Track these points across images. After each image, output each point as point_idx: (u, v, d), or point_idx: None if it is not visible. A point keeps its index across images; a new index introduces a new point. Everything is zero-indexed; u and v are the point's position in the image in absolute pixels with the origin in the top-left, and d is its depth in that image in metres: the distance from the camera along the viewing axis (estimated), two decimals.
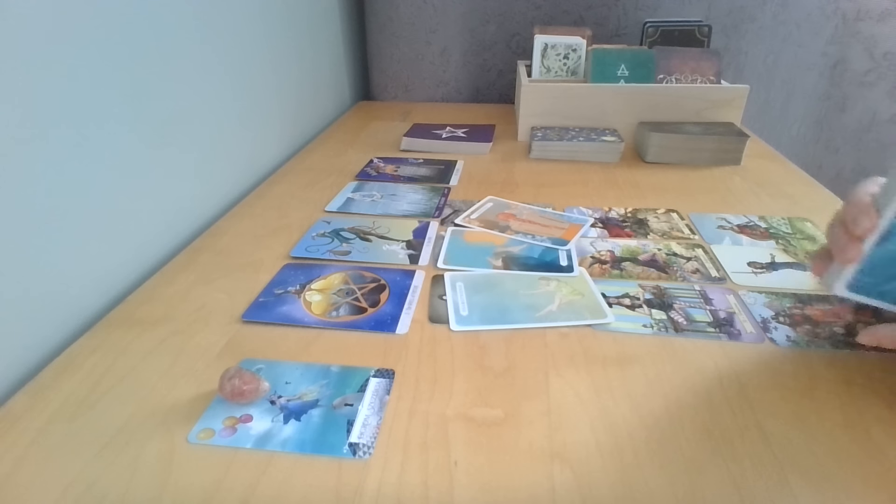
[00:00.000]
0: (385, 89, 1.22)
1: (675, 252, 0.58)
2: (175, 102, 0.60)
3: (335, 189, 0.75)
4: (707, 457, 0.35)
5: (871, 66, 1.11)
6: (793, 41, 1.12)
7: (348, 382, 0.41)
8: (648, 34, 1.01)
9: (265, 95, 0.81)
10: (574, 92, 0.91)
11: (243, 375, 0.38)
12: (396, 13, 1.13)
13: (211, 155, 0.68)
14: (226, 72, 0.70)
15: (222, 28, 0.69)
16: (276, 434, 0.36)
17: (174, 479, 0.33)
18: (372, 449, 0.35)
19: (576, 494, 0.32)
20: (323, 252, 0.58)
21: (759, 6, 1.09)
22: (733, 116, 0.91)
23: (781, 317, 0.48)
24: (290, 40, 0.89)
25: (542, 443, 0.36)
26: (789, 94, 1.18)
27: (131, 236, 0.55)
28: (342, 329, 0.47)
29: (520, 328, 0.47)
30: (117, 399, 0.39)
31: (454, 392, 0.40)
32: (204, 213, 0.67)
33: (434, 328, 0.47)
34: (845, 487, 0.32)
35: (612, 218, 0.66)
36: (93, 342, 0.45)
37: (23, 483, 0.33)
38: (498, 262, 0.56)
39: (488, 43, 1.15)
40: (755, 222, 0.65)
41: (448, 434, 0.36)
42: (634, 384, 0.40)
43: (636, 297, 0.51)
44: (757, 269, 0.55)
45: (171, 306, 0.50)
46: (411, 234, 0.62)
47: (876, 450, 0.35)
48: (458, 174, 0.80)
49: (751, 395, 0.39)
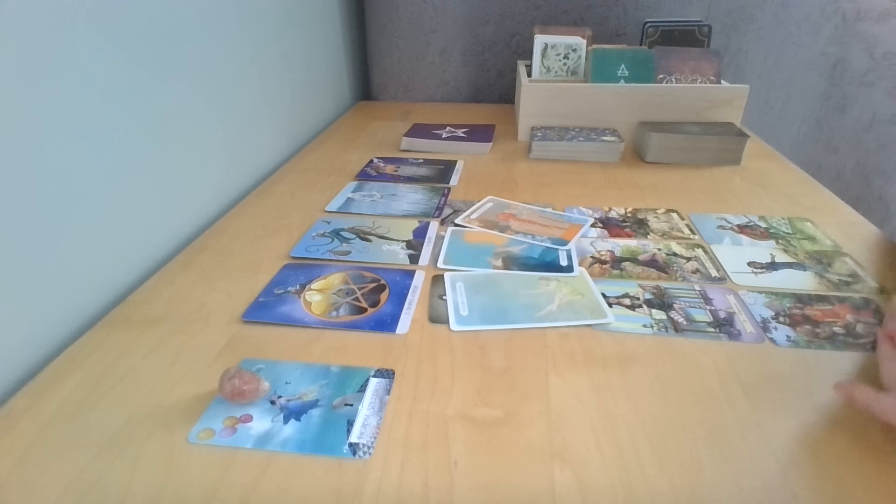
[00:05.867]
0: (385, 89, 1.22)
1: (675, 252, 0.58)
2: (175, 102, 0.60)
3: (335, 189, 0.75)
4: (707, 457, 0.35)
5: (871, 66, 1.11)
6: (793, 41, 1.12)
7: (348, 382, 0.41)
8: (648, 34, 1.01)
9: (265, 95, 0.81)
10: (574, 92, 0.91)
11: (243, 375, 0.38)
12: (396, 13, 1.13)
13: (211, 154, 0.68)
14: (226, 72, 0.70)
15: (222, 28, 0.69)
16: (276, 434, 0.36)
17: (174, 479, 0.33)
18: (372, 449, 0.35)
19: (576, 494, 0.32)
20: (323, 252, 0.58)
21: (759, 6, 1.09)
22: (733, 116, 0.91)
23: (781, 317, 0.48)
24: (290, 40, 0.89)
25: (542, 443, 0.36)
26: (789, 94, 1.18)
27: (131, 236, 0.55)
28: (342, 329, 0.47)
29: (520, 328, 0.47)
30: (117, 399, 0.39)
31: (454, 392, 0.40)
32: (204, 213, 0.67)
33: (434, 328, 0.47)
34: (845, 487, 0.32)
35: (612, 218, 0.66)
36: (93, 342, 0.45)
37: (23, 483, 0.33)
38: (498, 262, 0.56)
39: (488, 43, 1.15)
40: (755, 222, 0.65)
41: (448, 434, 0.36)
42: (634, 384, 0.40)
43: (636, 297, 0.51)
44: (757, 269, 0.55)
45: (171, 306, 0.50)
46: (411, 234, 0.62)
47: (876, 450, 0.35)
48: (458, 174, 0.80)
49: (751, 395, 0.39)
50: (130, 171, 0.54)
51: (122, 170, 0.53)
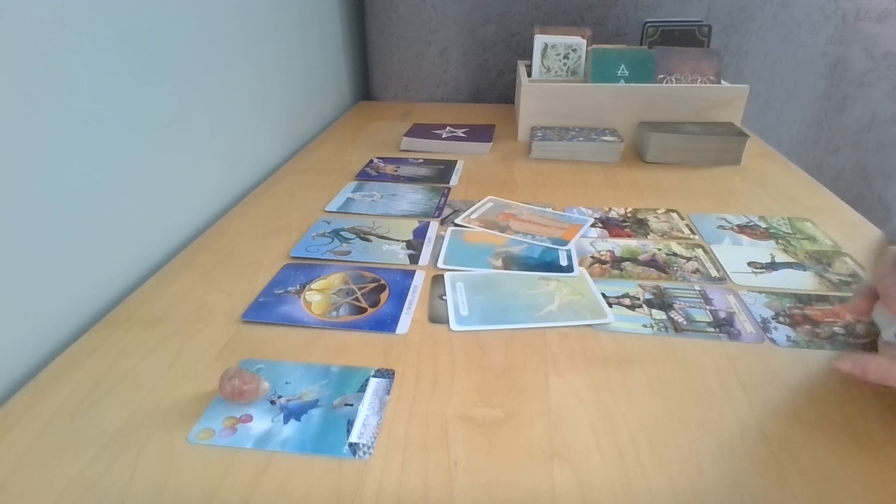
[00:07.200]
0: (385, 89, 1.22)
1: (675, 252, 0.58)
2: (176, 102, 0.60)
3: (335, 189, 0.75)
4: (707, 457, 0.35)
5: (870, 66, 1.11)
6: (793, 41, 1.12)
7: (348, 382, 0.41)
8: (648, 34, 1.01)
9: (265, 95, 0.81)
10: (574, 92, 0.91)
11: (243, 375, 0.38)
12: (396, 13, 1.13)
13: (211, 154, 0.68)
14: (226, 72, 0.70)
15: (222, 28, 0.69)
16: (276, 434, 0.36)
17: (174, 479, 0.33)
18: (372, 449, 0.35)
19: (576, 494, 0.32)
20: (323, 252, 0.58)
21: (759, 6, 1.09)
22: (733, 116, 0.91)
23: (781, 317, 0.48)
24: (290, 40, 0.89)
25: (542, 443, 0.36)
26: (789, 94, 1.18)
27: (131, 236, 0.55)
28: (342, 329, 0.47)
29: (520, 328, 0.47)
30: (117, 399, 0.39)
31: (454, 392, 0.40)
32: (204, 213, 0.67)
33: (434, 328, 0.47)
34: (845, 487, 0.32)
35: (612, 218, 0.66)
36: (93, 342, 0.45)
37: (23, 483, 0.33)
38: (498, 262, 0.56)
39: (488, 43, 1.15)
40: (755, 222, 0.65)
41: (448, 434, 0.36)
42: (634, 384, 0.40)
43: (636, 297, 0.51)
44: (757, 269, 0.55)
45: (171, 306, 0.50)
46: (411, 234, 0.62)
47: (876, 450, 0.35)
48: (458, 174, 0.80)
49: (751, 395, 0.39)
50: (130, 171, 0.54)
51: (123, 170, 0.53)
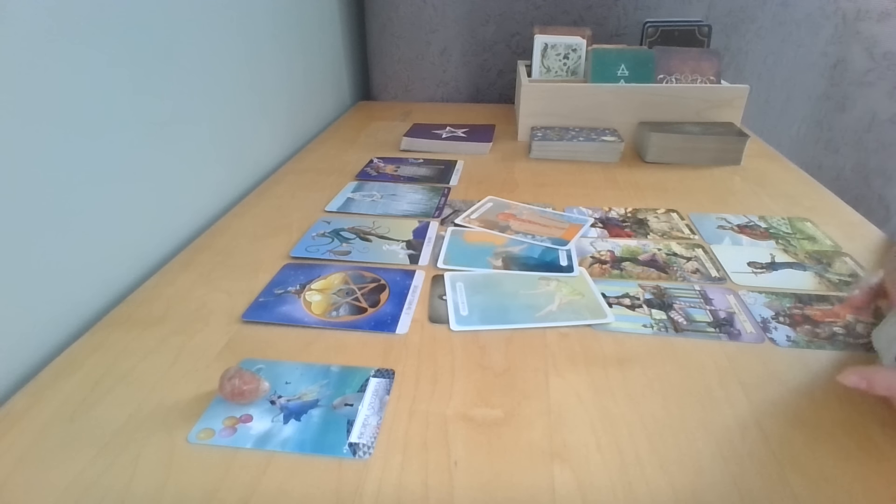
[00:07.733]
0: (385, 89, 1.22)
1: (675, 252, 0.58)
2: (176, 102, 0.60)
3: (335, 189, 0.75)
4: (707, 457, 0.35)
5: (871, 66, 1.11)
6: (793, 41, 1.12)
7: (348, 382, 0.41)
8: (648, 34, 1.01)
9: (265, 95, 0.81)
10: (574, 92, 0.91)
11: (243, 375, 0.38)
12: (396, 13, 1.13)
13: (211, 155, 0.68)
14: (226, 71, 0.70)
15: (222, 28, 0.69)
16: (276, 434, 0.36)
17: (174, 479, 0.33)
18: (372, 449, 0.35)
19: (576, 494, 0.32)
20: (323, 252, 0.58)
21: (759, 6, 1.09)
22: (733, 116, 0.91)
23: (781, 317, 0.48)
24: (290, 41, 0.89)
25: (542, 443, 0.36)
26: (789, 94, 1.18)
27: (131, 236, 0.55)
28: (342, 329, 0.47)
29: (520, 328, 0.47)
30: (117, 399, 0.39)
31: (454, 392, 0.40)
32: (204, 213, 0.67)
33: (434, 328, 0.47)
34: (845, 487, 0.32)
35: (612, 218, 0.66)
36: (93, 342, 0.45)
37: (23, 483, 0.33)
38: (498, 262, 0.56)
39: (488, 43, 1.15)
40: (755, 222, 0.65)
41: (448, 434, 0.36)
42: (634, 384, 0.40)
43: (636, 297, 0.51)
44: (757, 269, 0.55)
45: (171, 306, 0.50)
46: (411, 234, 0.62)
47: (876, 450, 0.35)
48: (458, 174, 0.80)
49: (751, 395, 0.39)
50: (131, 171, 0.54)
51: (123, 170, 0.53)
